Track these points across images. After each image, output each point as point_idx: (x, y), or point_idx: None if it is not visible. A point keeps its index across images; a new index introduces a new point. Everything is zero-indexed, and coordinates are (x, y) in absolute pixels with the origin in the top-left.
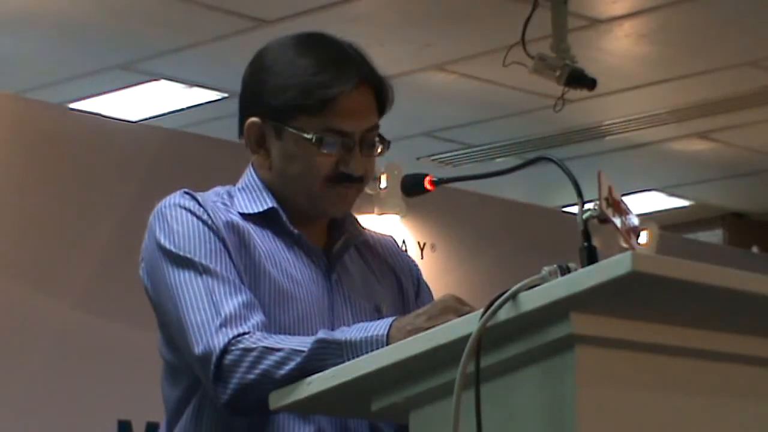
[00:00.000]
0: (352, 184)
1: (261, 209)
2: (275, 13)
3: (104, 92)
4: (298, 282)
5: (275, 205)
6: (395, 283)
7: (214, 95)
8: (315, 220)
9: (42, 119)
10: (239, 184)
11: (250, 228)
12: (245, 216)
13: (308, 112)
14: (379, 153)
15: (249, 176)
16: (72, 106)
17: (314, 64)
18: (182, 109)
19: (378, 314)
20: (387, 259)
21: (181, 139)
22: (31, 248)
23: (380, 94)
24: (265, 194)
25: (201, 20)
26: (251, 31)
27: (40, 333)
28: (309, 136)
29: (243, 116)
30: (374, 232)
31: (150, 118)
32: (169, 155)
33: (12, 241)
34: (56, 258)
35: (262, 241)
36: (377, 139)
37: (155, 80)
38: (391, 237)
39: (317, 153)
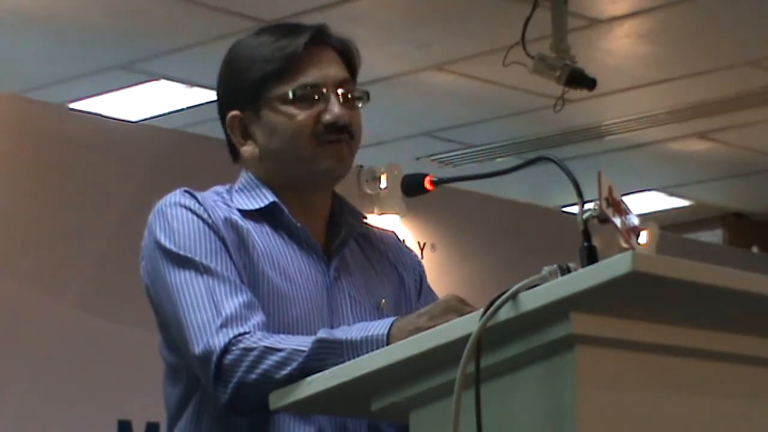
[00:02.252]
0: (340, 135)
1: (262, 204)
2: (275, 13)
3: (104, 92)
4: (296, 282)
5: (276, 199)
6: (396, 278)
7: (214, 95)
8: (316, 214)
9: (42, 119)
10: (236, 187)
11: (249, 226)
12: (245, 213)
13: (276, 78)
14: (361, 104)
15: (244, 178)
16: (72, 106)
17: (270, 37)
18: (182, 109)
19: (378, 311)
20: (388, 255)
21: (181, 139)
22: (31, 248)
23: (344, 53)
24: (264, 190)
25: (201, 20)
26: (251, 31)
27: (40, 333)
28: (284, 93)
29: (223, 118)
30: (377, 227)
31: (150, 118)
32: (169, 155)
33: (12, 241)
34: (56, 258)
35: (260, 239)
36: (356, 93)
37: (155, 80)
38: (394, 233)
39: (296, 113)
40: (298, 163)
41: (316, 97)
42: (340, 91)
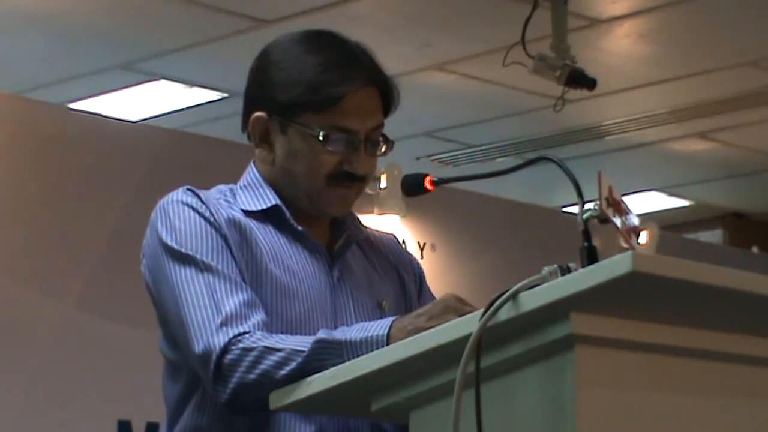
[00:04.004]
0: (353, 183)
1: (264, 206)
2: (275, 13)
3: (104, 92)
4: (301, 279)
5: (278, 202)
6: (397, 279)
7: (214, 95)
8: (318, 219)
9: (42, 119)
10: (241, 182)
11: (252, 224)
12: (248, 213)
13: (315, 110)
14: (383, 153)
15: (251, 174)
16: (72, 106)
17: (322, 62)
18: (182, 109)
19: (380, 311)
20: (389, 257)
21: (181, 139)
22: (32, 248)
23: (386, 95)
24: (267, 191)
25: (201, 20)
26: (251, 31)
27: (40, 333)
28: (315, 133)
29: (248, 109)
30: (375, 230)
31: (150, 118)
32: (169, 155)
33: (12, 241)
34: (56, 258)
35: (264, 237)
36: (381, 138)
37: (155, 80)
38: (393, 235)
39: (321, 150)
40: (306, 193)
41: (347, 144)
42: (369, 140)
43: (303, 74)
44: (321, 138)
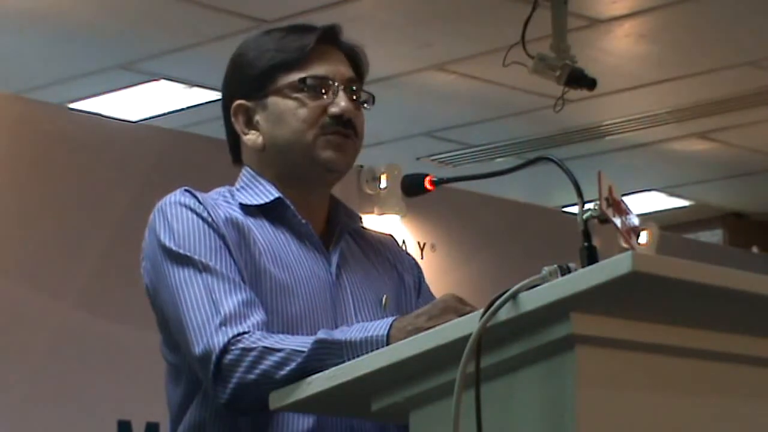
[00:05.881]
0: (345, 129)
1: (266, 200)
2: (275, 13)
3: (104, 92)
4: (300, 277)
5: (281, 195)
6: (396, 277)
7: (214, 95)
8: (315, 213)
9: (42, 119)
10: (237, 185)
11: (250, 223)
12: (247, 209)
13: (286, 67)
14: (367, 106)
15: (245, 175)
16: (72, 106)
17: (280, 33)
18: (182, 109)
19: (381, 307)
20: (388, 255)
21: (181, 139)
22: (31, 248)
23: (352, 57)
24: (267, 186)
25: (201, 20)
26: (251, 31)
27: (40, 333)
28: (294, 81)
29: (227, 109)
30: (374, 231)
31: (150, 118)
32: (169, 155)
33: (12, 241)
34: (56, 258)
35: (262, 235)
36: (362, 95)
37: (155, 80)
38: (391, 235)
39: (303, 103)
40: (300, 152)
41: (326, 90)
42: (348, 88)
43: (267, 45)
44: (302, 84)
